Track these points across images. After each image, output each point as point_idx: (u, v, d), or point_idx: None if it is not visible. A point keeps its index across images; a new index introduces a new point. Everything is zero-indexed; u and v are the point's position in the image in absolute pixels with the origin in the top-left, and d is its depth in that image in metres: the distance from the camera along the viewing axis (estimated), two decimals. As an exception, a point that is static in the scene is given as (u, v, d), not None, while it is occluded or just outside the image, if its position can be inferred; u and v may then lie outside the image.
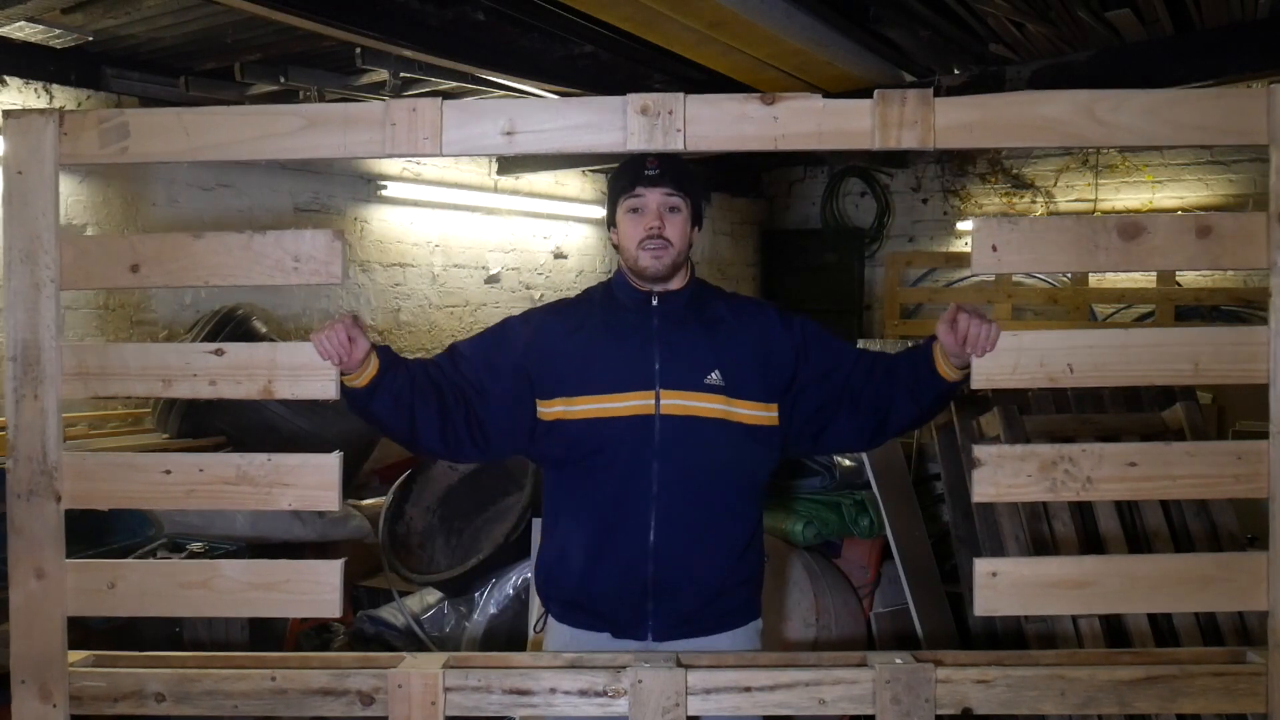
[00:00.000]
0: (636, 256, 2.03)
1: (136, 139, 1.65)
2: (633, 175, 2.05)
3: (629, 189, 2.04)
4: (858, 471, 3.65)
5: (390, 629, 3.75)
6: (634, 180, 2.04)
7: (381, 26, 3.91)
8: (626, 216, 2.06)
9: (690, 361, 2.02)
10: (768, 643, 2.15)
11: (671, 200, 2.03)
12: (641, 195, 2.03)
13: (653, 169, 2.03)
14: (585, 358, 2.04)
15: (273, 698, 1.70)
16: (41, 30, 4.06)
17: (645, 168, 2.04)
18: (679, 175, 2.05)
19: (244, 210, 5.26)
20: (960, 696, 1.66)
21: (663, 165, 2.04)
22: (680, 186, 2.04)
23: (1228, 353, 1.64)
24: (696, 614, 2.02)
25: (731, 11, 3.86)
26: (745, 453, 2.03)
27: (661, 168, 2.03)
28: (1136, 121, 1.61)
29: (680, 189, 2.04)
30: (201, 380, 1.68)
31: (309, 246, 1.66)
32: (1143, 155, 7.43)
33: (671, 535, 1.99)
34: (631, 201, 2.04)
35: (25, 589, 1.69)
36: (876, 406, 2.00)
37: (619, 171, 2.10)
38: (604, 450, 1.99)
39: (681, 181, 2.05)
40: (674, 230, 2.03)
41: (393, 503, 4.04)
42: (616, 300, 2.11)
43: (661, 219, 2.02)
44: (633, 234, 2.04)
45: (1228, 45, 4.32)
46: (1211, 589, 1.67)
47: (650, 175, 2.03)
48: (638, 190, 2.03)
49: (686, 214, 2.06)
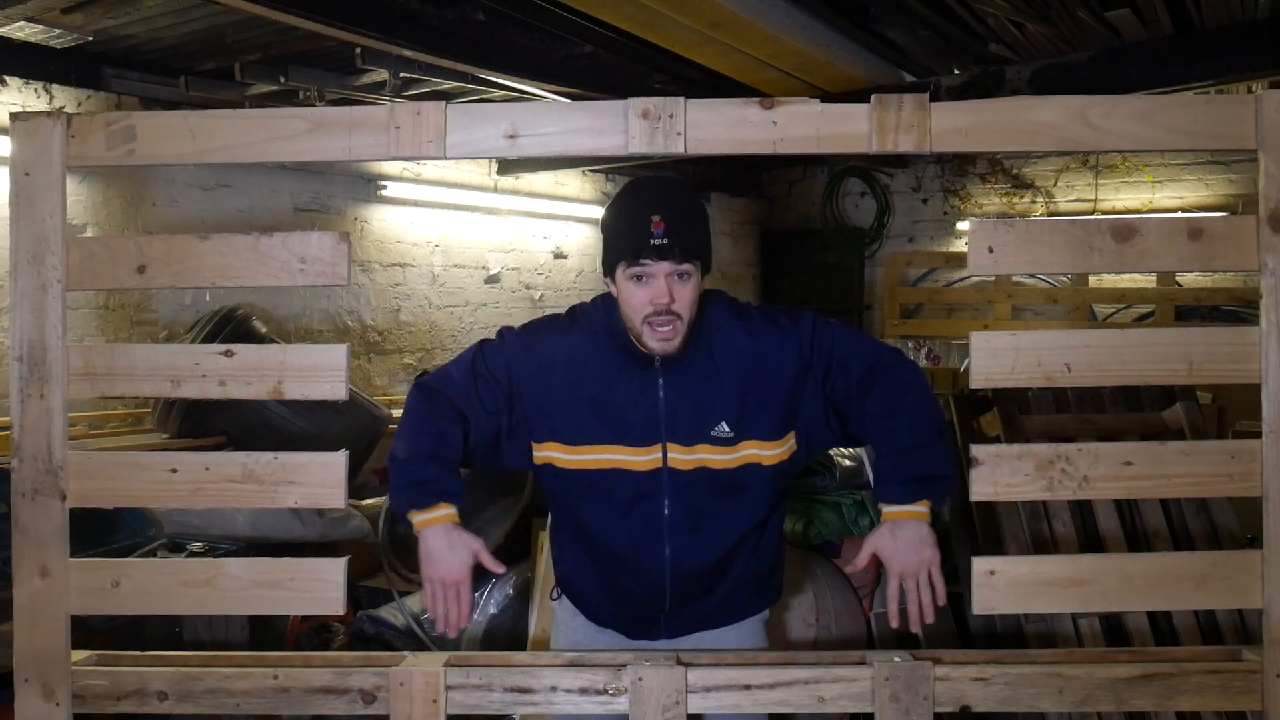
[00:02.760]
0: (641, 332, 1.82)
1: (143, 141, 1.66)
2: (637, 242, 1.77)
3: (632, 258, 1.78)
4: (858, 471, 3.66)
5: (390, 629, 3.76)
6: (639, 250, 1.77)
7: (381, 26, 3.92)
8: (629, 283, 1.81)
9: (697, 413, 1.87)
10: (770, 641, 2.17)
11: (682, 269, 1.78)
12: (647, 265, 1.77)
13: (660, 237, 1.75)
14: (585, 407, 1.88)
15: (275, 696, 1.71)
16: (41, 30, 4.07)
17: (651, 234, 1.76)
18: (690, 241, 1.79)
19: (244, 210, 5.27)
20: (959, 694, 1.67)
21: (671, 232, 1.76)
22: (692, 254, 1.79)
23: (1221, 353, 1.65)
24: (709, 618, 2.02)
25: (731, 11, 3.87)
26: (759, 489, 1.93)
27: (670, 236, 1.76)
28: (1129, 126, 1.62)
29: (692, 256, 1.79)
30: (211, 381, 1.69)
31: (315, 248, 1.67)
32: (1143, 156, 7.44)
33: (687, 569, 1.93)
34: (635, 270, 1.79)
35: (29, 587, 1.70)
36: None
37: (620, 227, 1.82)
38: (610, 493, 1.90)
39: (692, 248, 1.79)
40: (684, 300, 1.79)
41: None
42: (618, 346, 1.90)
43: (671, 292, 1.78)
44: (637, 305, 1.80)
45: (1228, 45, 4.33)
46: (1208, 587, 1.68)
47: (658, 246, 1.75)
48: (643, 261, 1.77)
49: (698, 275, 1.82)
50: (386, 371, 6.09)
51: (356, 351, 5.85)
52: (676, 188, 1.97)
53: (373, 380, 5.97)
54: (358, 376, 5.80)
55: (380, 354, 6.05)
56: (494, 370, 1.91)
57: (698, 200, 1.93)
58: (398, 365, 6.16)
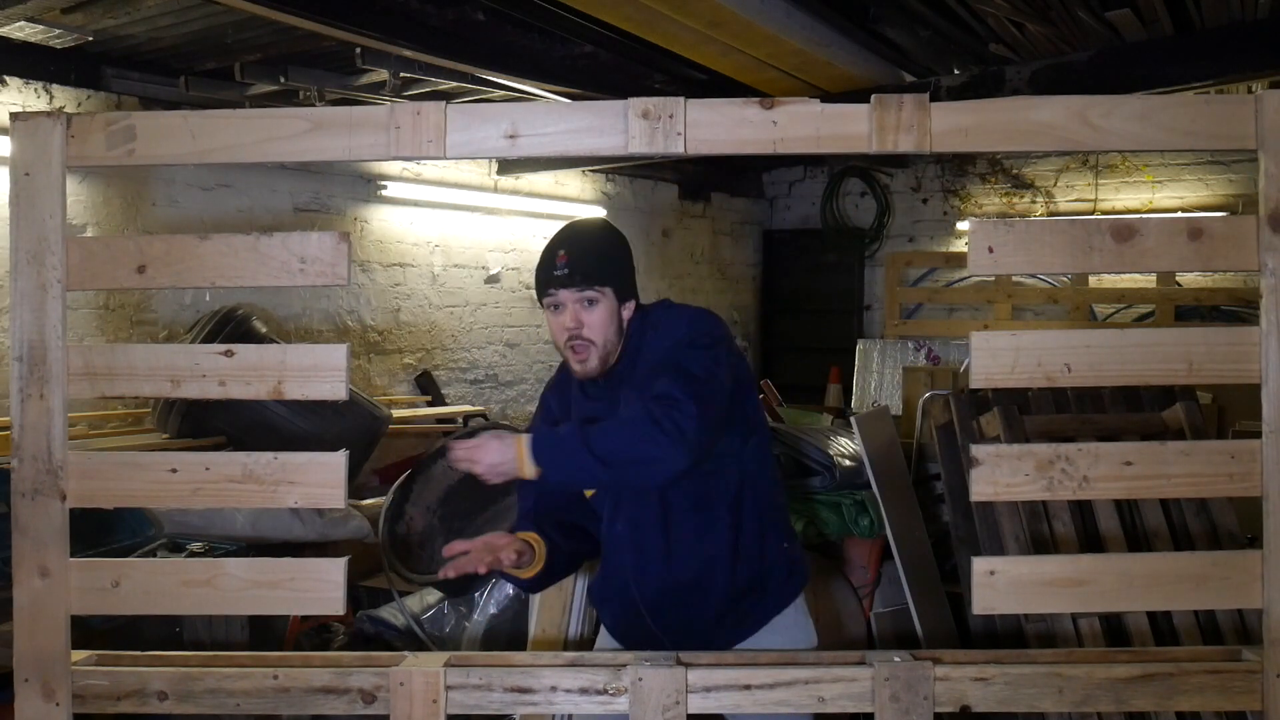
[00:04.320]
0: (566, 355, 2.02)
1: (143, 141, 1.66)
2: (545, 276, 1.98)
3: (542, 289, 1.99)
4: (858, 471, 3.66)
5: (390, 629, 3.76)
6: (546, 281, 1.97)
7: (381, 26, 3.92)
8: (548, 313, 2.02)
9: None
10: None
11: (587, 295, 1.96)
12: (554, 294, 1.97)
13: (561, 268, 1.95)
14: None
15: (275, 696, 1.71)
16: (41, 30, 4.07)
17: (555, 266, 1.96)
18: (591, 268, 1.96)
19: (244, 210, 5.27)
20: (959, 694, 1.67)
21: (572, 260, 1.95)
22: (593, 280, 1.96)
23: (1221, 353, 1.65)
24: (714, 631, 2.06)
25: (731, 11, 3.87)
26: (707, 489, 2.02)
27: (571, 266, 1.95)
28: (1129, 126, 1.62)
29: (594, 283, 1.96)
30: (211, 381, 1.69)
31: (315, 248, 1.67)
32: (1143, 156, 7.44)
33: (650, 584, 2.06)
34: (548, 300, 1.99)
35: (29, 588, 1.70)
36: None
37: (538, 265, 2.02)
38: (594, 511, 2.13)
39: (593, 274, 1.96)
40: (594, 326, 1.97)
41: (393, 503, 4.05)
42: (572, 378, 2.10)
43: (579, 319, 1.96)
44: (556, 332, 2.01)
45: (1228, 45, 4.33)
46: (1207, 587, 1.68)
47: (559, 276, 1.95)
48: (550, 291, 1.97)
49: (610, 301, 1.98)
50: (386, 371, 6.09)
51: (356, 351, 5.85)
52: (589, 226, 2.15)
53: (373, 380, 5.97)
54: (358, 376, 5.80)
55: (380, 354, 6.05)
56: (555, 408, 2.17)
57: (612, 235, 2.07)
58: (398, 365, 6.16)
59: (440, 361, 6.41)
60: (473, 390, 6.64)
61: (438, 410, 5.95)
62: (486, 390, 6.74)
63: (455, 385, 6.51)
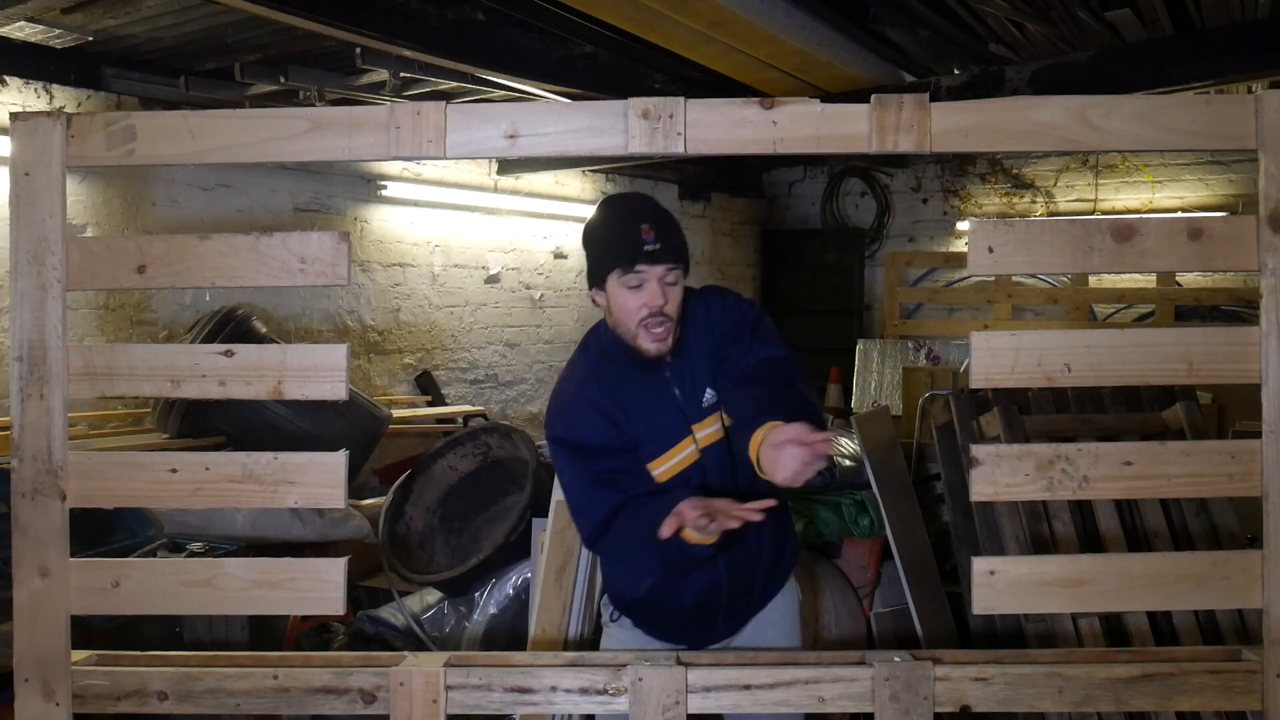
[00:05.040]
0: (636, 334, 1.94)
1: (143, 141, 1.67)
2: (631, 250, 1.90)
3: (627, 265, 1.91)
4: (858, 471, 3.66)
5: (390, 629, 3.76)
6: (633, 257, 1.90)
7: (381, 26, 3.92)
8: (621, 290, 1.93)
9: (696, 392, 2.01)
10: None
11: (672, 274, 1.93)
12: (642, 272, 1.91)
13: (652, 243, 1.89)
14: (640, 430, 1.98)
15: (275, 696, 1.71)
16: (41, 30, 4.07)
17: (644, 240, 1.89)
18: (678, 245, 1.94)
19: (244, 210, 5.27)
20: (959, 694, 1.67)
21: (661, 237, 1.91)
22: (679, 257, 1.94)
23: (1221, 353, 1.65)
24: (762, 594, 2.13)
25: (731, 11, 3.87)
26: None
27: (661, 241, 1.90)
28: (1129, 126, 1.62)
29: (680, 259, 1.94)
30: (211, 381, 1.69)
31: (315, 248, 1.67)
32: (1143, 156, 7.44)
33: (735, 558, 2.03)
34: (629, 277, 1.91)
35: (29, 588, 1.70)
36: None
37: (612, 238, 1.95)
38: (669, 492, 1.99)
39: (679, 251, 1.94)
40: (674, 302, 1.94)
41: (393, 503, 4.05)
42: (621, 363, 2.01)
43: (665, 294, 1.92)
44: (632, 309, 1.93)
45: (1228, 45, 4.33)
46: (1207, 587, 1.68)
47: (651, 251, 1.89)
48: (638, 268, 1.90)
49: (681, 279, 1.97)
50: (386, 371, 6.09)
51: (356, 351, 5.85)
52: (652, 201, 2.08)
53: (373, 380, 5.97)
54: (358, 376, 5.81)
55: (380, 354, 6.05)
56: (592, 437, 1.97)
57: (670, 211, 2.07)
58: (398, 365, 6.16)
59: (440, 361, 6.41)
60: (473, 390, 6.64)
61: (438, 410, 5.95)
62: (486, 390, 6.74)
63: (455, 385, 6.51)
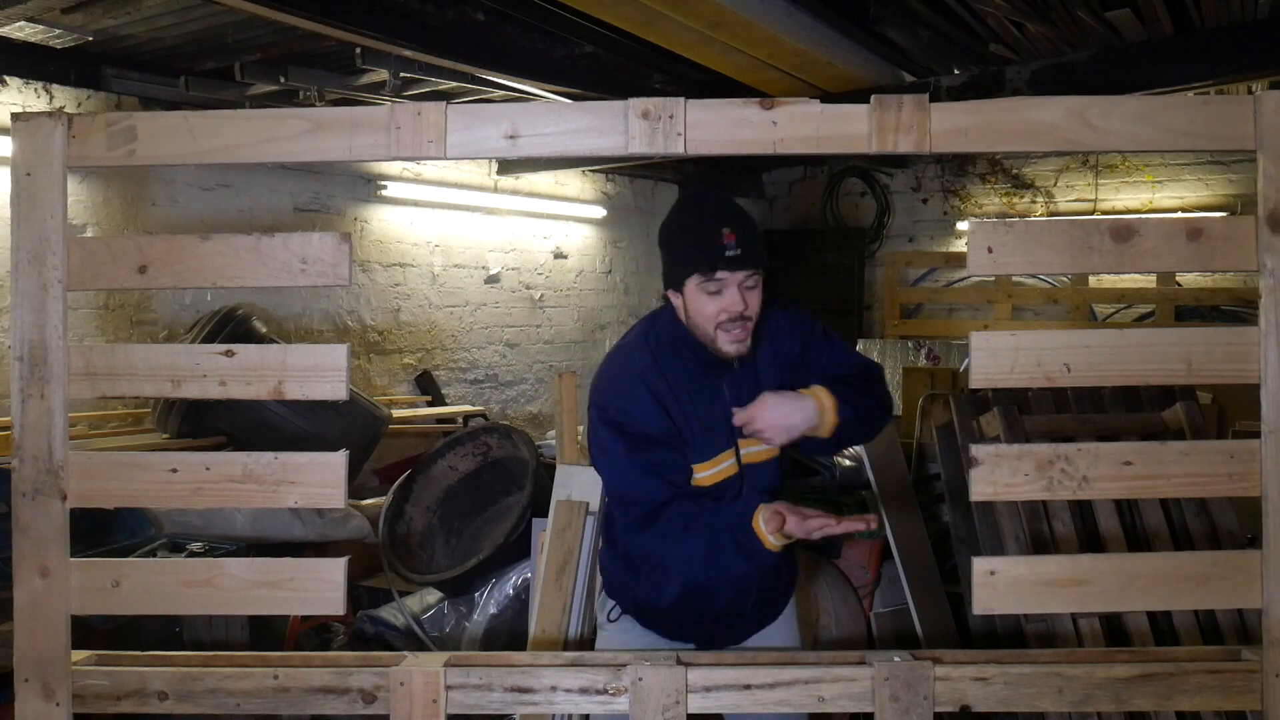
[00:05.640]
0: (715, 337, 1.93)
1: (144, 141, 1.66)
2: (712, 255, 1.87)
3: (708, 271, 1.88)
4: (858, 471, 3.66)
5: (390, 629, 3.76)
6: (713, 262, 1.87)
7: (381, 26, 3.92)
8: (700, 295, 1.91)
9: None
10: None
11: (753, 278, 1.91)
12: (722, 279, 1.88)
13: (734, 248, 1.86)
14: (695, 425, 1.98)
15: (275, 696, 1.71)
16: (41, 30, 4.07)
17: (725, 245, 1.86)
18: (760, 250, 1.90)
19: (244, 210, 5.27)
20: (959, 694, 1.67)
21: (743, 243, 1.87)
22: (761, 262, 1.90)
23: (1220, 353, 1.65)
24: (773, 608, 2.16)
25: (731, 11, 3.87)
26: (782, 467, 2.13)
27: (742, 247, 1.87)
28: (1128, 126, 1.62)
29: (762, 264, 1.90)
30: (211, 381, 1.69)
31: (316, 248, 1.67)
32: (1142, 156, 7.44)
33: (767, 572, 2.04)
34: (710, 285, 1.89)
35: (29, 588, 1.70)
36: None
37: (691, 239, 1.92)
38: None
39: (762, 257, 1.90)
40: (755, 305, 1.93)
41: (393, 503, 4.05)
42: (691, 359, 1.99)
43: (745, 299, 1.91)
44: (710, 312, 1.91)
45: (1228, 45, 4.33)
46: (1207, 587, 1.68)
47: (732, 257, 1.86)
48: (719, 274, 1.88)
49: (761, 280, 1.94)
50: (386, 371, 6.09)
51: (356, 351, 5.85)
52: (733, 200, 2.04)
53: (373, 380, 5.97)
54: (358, 376, 5.81)
55: (380, 354, 6.05)
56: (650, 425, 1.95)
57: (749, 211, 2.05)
58: (398, 365, 6.16)
59: (440, 361, 6.42)
60: (473, 390, 6.64)
61: (438, 410, 5.95)
62: (486, 390, 6.74)
63: (455, 385, 6.51)
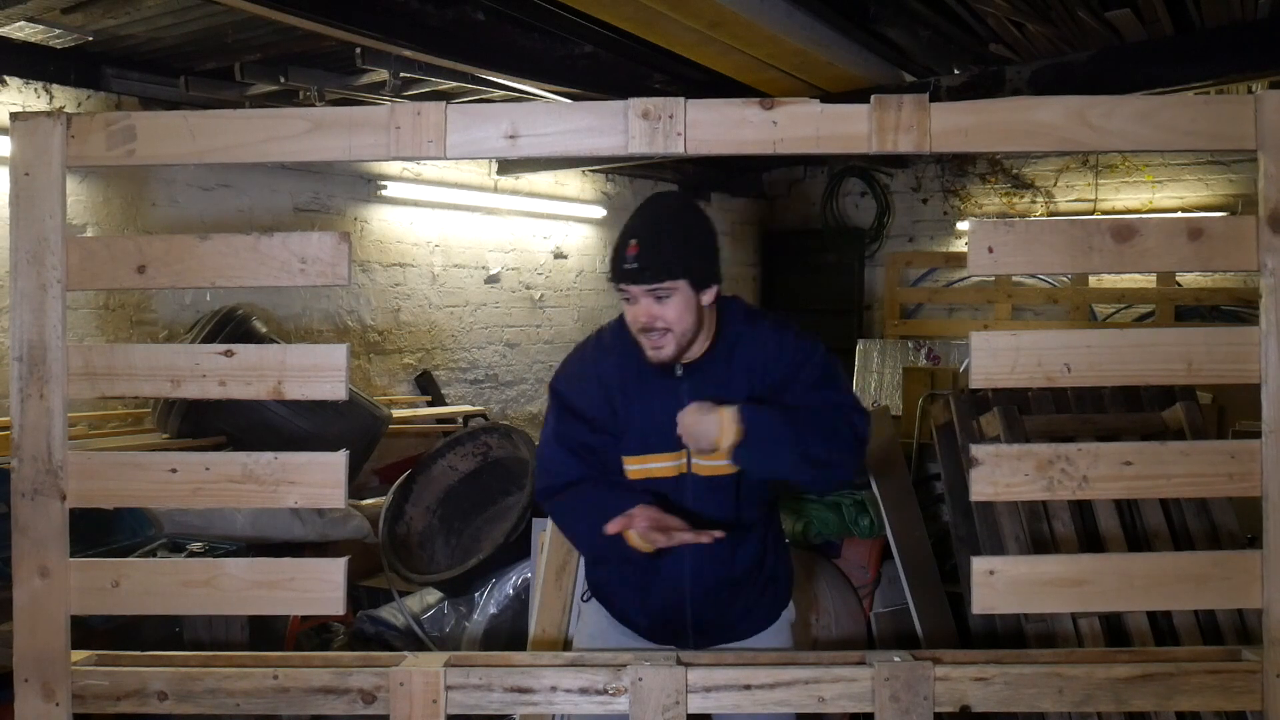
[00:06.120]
0: (641, 344, 1.95)
1: (143, 141, 1.66)
2: (617, 268, 1.91)
3: (614, 282, 1.93)
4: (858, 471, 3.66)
5: (390, 629, 3.76)
6: (617, 275, 1.91)
7: (381, 26, 3.91)
8: (623, 302, 1.95)
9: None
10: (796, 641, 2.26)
11: (658, 292, 1.88)
12: (629, 291, 1.91)
13: (631, 262, 1.87)
14: (634, 420, 2.00)
15: (275, 696, 1.71)
16: (41, 30, 4.07)
17: (625, 258, 1.88)
18: (662, 262, 1.87)
19: (244, 210, 5.27)
20: (959, 694, 1.67)
21: (643, 256, 1.86)
22: (663, 275, 1.87)
23: (1221, 353, 1.65)
24: (735, 628, 2.10)
25: (731, 11, 3.87)
26: (760, 488, 2.06)
27: (641, 260, 1.86)
28: (1128, 126, 1.62)
29: (664, 277, 1.87)
30: (211, 381, 1.69)
31: (315, 248, 1.67)
32: (1143, 156, 7.44)
33: (706, 581, 2.03)
34: (623, 295, 1.93)
35: (29, 588, 1.70)
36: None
37: (612, 251, 1.95)
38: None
39: (664, 269, 1.87)
40: (671, 313, 1.90)
41: (393, 503, 4.05)
42: (642, 356, 1.98)
43: (650, 312, 1.90)
44: (629, 321, 1.95)
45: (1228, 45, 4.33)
46: (1207, 587, 1.68)
47: (629, 270, 1.88)
48: (622, 286, 1.91)
49: (685, 292, 1.89)
50: (386, 371, 6.09)
51: (356, 351, 5.85)
52: (666, 210, 1.99)
53: (373, 380, 5.97)
54: (358, 376, 5.81)
55: (380, 354, 6.05)
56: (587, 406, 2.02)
57: (688, 219, 1.97)
58: (398, 365, 6.16)
59: (440, 361, 6.41)
60: (473, 390, 6.64)
61: (438, 410, 5.95)
62: (486, 390, 6.74)
63: (455, 385, 6.51)
